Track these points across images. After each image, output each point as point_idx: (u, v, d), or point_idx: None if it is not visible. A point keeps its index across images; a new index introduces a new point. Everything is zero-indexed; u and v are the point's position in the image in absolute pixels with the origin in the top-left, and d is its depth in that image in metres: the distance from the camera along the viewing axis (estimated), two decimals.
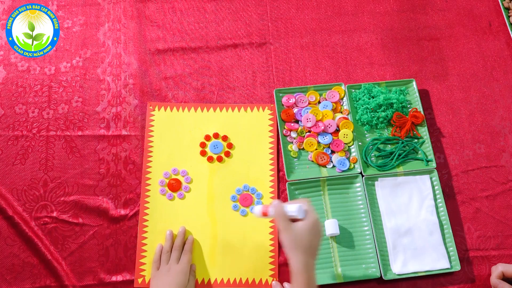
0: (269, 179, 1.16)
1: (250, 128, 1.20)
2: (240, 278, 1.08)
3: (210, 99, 1.23)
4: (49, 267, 1.07)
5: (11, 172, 1.14)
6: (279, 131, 1.19)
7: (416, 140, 1.19)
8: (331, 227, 1.09)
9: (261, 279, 1.08)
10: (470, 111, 1.25)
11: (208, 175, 1.16)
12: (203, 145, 1.18)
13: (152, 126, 1.19)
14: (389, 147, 1.19)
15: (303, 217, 0.92)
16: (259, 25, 1.32)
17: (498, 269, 1.05)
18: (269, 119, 1.21)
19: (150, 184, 1.14)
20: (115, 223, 1.11)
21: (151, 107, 1.21)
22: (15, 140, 1.17)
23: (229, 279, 1.08)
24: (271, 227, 1.12)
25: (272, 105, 1.23)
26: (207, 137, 1.19)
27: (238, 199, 1.15)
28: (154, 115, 1.20)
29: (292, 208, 0.92)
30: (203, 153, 1.18)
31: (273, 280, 1.08)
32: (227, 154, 1.18)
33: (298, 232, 0.90)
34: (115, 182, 1.15)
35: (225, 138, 1.19)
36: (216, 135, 1.19)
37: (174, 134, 1.19)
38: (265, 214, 0.96)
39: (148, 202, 1.13)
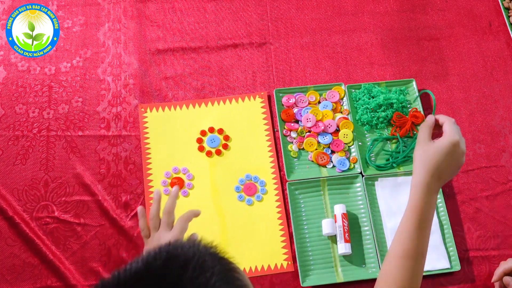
0: (270, 166, 1.17)
1: (244, 118, 1.21)
2: (256, 266, 1.09)
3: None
4: (50, 267, 1.07)
5: (11, 172, 1.14)
6: (280, 131, 1.19)
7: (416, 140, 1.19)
8: (328, 226, 1.09)
9: (276, 264, 1.09)
10: (470, 111, 1.25)
11: (209, 170, 1.16)
12: (200, 140, 1.19)
13: (147, 128, 1.19)
14: (388, 145, 1.19)
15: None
16: (259, 25, 1.32)
17: (509, 263, 1.04)
18: (261, 107, 1.22)
19: (153, 186, 1.14)
20: (116, 223, 1.11)
21: (142, 109, 1.21)
22: (15, 140, 1.17)
23: (244, 268, 1.08)
24: (278, 212, 1.13)
25: (262, 93, 1.23)
26: (203, 132, 1.20)
27: (242, 189, 1.15)
28: (146, 116, 1.20)
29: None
30: (201, 148, 1.18)
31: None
32: (225, 147, 1.18)
33: (431, 148, 0.85)
34: (115, 182, 1.15)
35: (220, 131, 1.20)
36: (211, 129, 1.20)
37: (170, 133, 1.19)
38: None
39: None
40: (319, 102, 1.23)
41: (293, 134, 1.19)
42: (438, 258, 1.09)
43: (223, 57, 1.28)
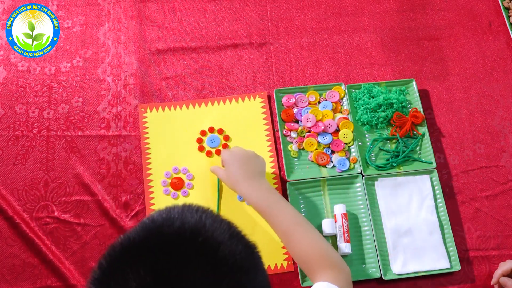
0: (270, 166, 1.17)
1: (244, 118, 1.21)
2: None
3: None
4: (50, 267, 1.07)
5: (11, 172, 1.14)
6: (280, 131, 1.19)
7: (415, 139, 1.19)
8: (328, 226, 1.09)
9: (276, 264, 1.09)
10: (470, 111, 1.25)
11: (209, 170, 1.16)
12: (200, 140, 1.19)
13: (147, 128, 1.19)
14: (388, 145, 1.19)
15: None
16: (259, 25, 1.32)
17: (507, 265, 1.04)
18: (261, 107, 1.22)
19: (153, 186, 1.14)
20: (116, 223, 1.11)
21: (142, 109, 1.21)
22: (15, 140, 1.17)
23: None
24: None
25: (262, 93, 1.23)
26: (203, 132, 1.20)
27: None
28: (146, 116, 1.20)
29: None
30: (201, 148, 1.18)
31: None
32: (225, 147, 1.18)
33: (227, 174, 1.04)
34: (115, 182, 1.15)
35: (220, 131, 1.20)
36: (211, 129, 1.20)
37: (170, 133, 1.19)
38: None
39: (154, 204, 1.13)
40: (319, 102, 1.23)
41: (293, 134, 1.19)
42: (438, 258, 1.09)
43: (223, 57, 1.28)
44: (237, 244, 0.61)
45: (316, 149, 1.18)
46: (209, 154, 1.18)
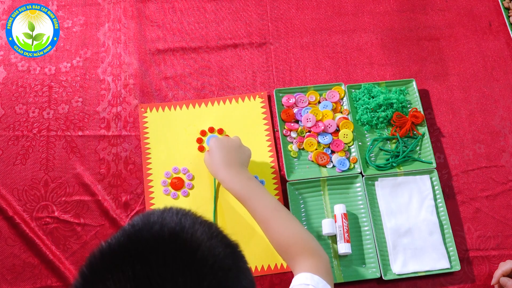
0: (270, 165, 1.17)
1: (244, 118, 1.21)
2: (256, 266, 1.09)
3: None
4: (50, 267, 1.07)
5: (11, 172, 1.14)
6: (280, 131, 1.19)
7: (415, 139, 1.19)
8: (328, 226, 1.09)
9: (276, 264, 1.09)
10: (470, 111, 1.25)
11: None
12: (200, 140, 1.19)
13: (147, 128, 1.19)
14: (388, 145, 1.19)
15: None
16: (259, 25, 1.32)
17: (507, 265, 1.04)
18: (261, 107, 1.22)
19: (153, 186, 1.14)
20: (116, 223, 1.11)
21: (142, 109, 1.21)
22: (15, 140, 1.17)
23: None
24: None
25: (262, 93, 1.23)
26: (203, 132, 1.20)
27: None
28: (146, 116, 1.20)
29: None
30: (201, 148, 1.18)
31: None
32: None
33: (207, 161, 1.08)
34: (115, 182, 1.15)
35: (220, 131, 1.20)
36: (211, 129, 1.20)
37: (170, 133, 1.19)
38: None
39: (154, 204, 1.13)
40: (319, 102, 1.23)
41: (293, 134, 1.19)
42: (438, 258, 1.09)
43: (223, 57, 1.28)
44: (217, 245, 0.61)
45: (316, 149, 1.18)
46: None
